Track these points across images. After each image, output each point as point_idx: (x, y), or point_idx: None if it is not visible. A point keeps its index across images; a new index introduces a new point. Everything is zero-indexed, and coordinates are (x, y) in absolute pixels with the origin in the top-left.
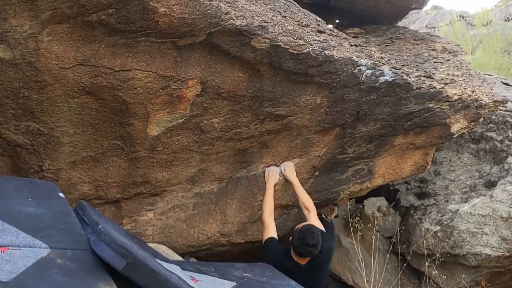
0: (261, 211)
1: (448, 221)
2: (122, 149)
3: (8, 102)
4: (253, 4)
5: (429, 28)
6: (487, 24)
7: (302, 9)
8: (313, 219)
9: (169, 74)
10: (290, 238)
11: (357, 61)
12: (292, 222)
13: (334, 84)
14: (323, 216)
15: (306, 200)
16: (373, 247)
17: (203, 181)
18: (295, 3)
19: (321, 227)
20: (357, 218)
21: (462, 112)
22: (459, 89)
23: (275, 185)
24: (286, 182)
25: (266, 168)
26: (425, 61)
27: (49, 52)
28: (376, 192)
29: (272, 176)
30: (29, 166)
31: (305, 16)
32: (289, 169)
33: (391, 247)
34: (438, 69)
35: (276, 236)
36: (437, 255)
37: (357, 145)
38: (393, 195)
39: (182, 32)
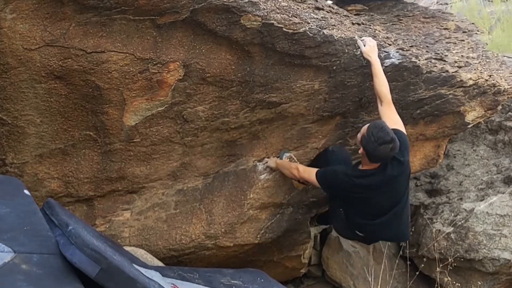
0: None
1: (462, 222)
2: (95, 141)
3: None
4: None
5: (441, 4)
6: (506, 0)
7: None
8: (385, 115)
9: (148, 56)
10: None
11: (358, 45)
12: (287, 223)
13: (334, 68)
14: None
15: (382, 85)
16: (378, 250)
17: (186, 176)
18: None
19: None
20: None
21: (478, 99)
22: (475, 73)
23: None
24: (279, 177)
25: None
26: (436, 41)
27: (12, 32)
28: None
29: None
30: None
31: None
32: (372, 45)
33: (399, 251)
34: (451, 50)
35: None
36: (450, 259)
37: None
38: None
39: (162, 9)
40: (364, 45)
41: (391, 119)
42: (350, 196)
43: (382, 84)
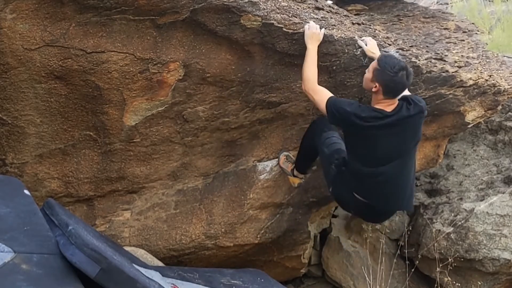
0: (305, 81)
1: (462, 222)
2: (95, 141)
3: None
4: None
5: (441, 4)
6: (507, 0)
7: None
8: None
9: (148, 56)
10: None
11: (358, 42)
12: (287, 223)
13: (334, 68)
14: None
15: None
16: (378, 250)
17: (186, 176)
18: None
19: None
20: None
21: (478, 99)
22: (475, 73)
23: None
24: (279, 177)
25: (307, 25)
26: (436, 41)
27: (12, 32)
28: None
29: (316, 34)
30: None
31: None
32: (373, 43)
33: (398, 250)
34: (451, 50)
35: None
36: (450, 259)
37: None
38: None
39: (162, 9)
40: (366, 45)
41: None
42: (357, 134)
43: None
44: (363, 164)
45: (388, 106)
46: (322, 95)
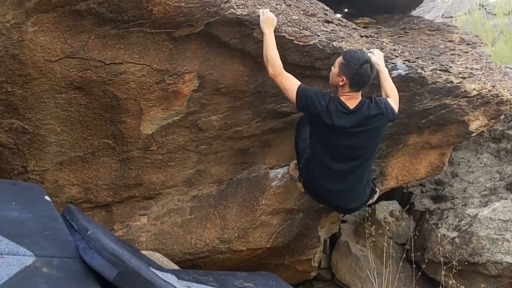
0: (269, 67)
1: (467, 227)
2: (114, 149)
3: None
4: None
5: (446, 17)
6: (509, 13)
7: None
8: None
9: (164, 68)
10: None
11: (367, 54)
12: (298, 228)
13: None
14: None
15: (391, 88)
16: (385, 254)
17: (201, 183)
18: None
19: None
20: (368, 223)
21: (482, 108)
22: (478, 83)
23: None
24: (290, 184)
25: (261, 11)
26: (441, 53)
27: (34, 44)
28: (388, 195)
29: (271, 19)
30: (12, 167)
31: (312, 5)
32: (379, 55)
33: (405, 254)
34: (456, 62)
35: None
36: (455, 263)
37: (382, 138)
38: (407, 198)
39: (178, 22)
40: (374, 54)
41: (391, 102)
42: (320, 123)
43: (390, 87)
44: (322, 152)
45: (352, 99)
46: (291, 82)
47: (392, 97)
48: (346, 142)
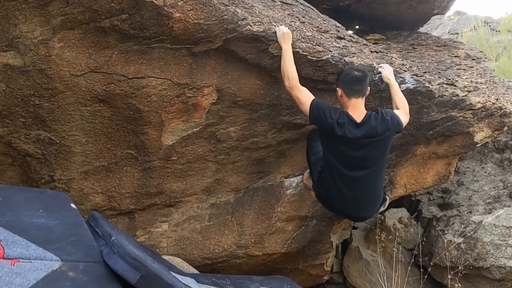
0: (287, 80)
1: (472, 233)
2: (136, 159)
3: (19, 111)
4: (270, 9)
5: (452, 34)
6: None
7: (321, 14)
8: (396, 111)
9: (184, 82)
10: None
11: (377, 68)
12: (311, 234)
13: None
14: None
15: (401, 100)
16: (394, 259)
17: (219, 191)
18: (314, 9)
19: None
20: (378, 230)
21: (486, 120)
22: (483, 97)
23: None
24: (304, 192)
25: (277, 28)
26: (448, 68)
27: (60, 59)
28: (397, 202)
29: (287, 35)
30: (40, 176)
31: (324, 22)
32: (389, 70)
33: (413, 259)
34: (461, 76)
35: None
36: (460, 267)
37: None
38: (415, 206)
39: (197, 38)
40: (384, 69)
41: (399, 113)
42: (331, 136)
43: (404, 101)
44: (336, 162)
45: (357, 111)
46: (306, 96)
47: (402, 109)
48: (357, 153)
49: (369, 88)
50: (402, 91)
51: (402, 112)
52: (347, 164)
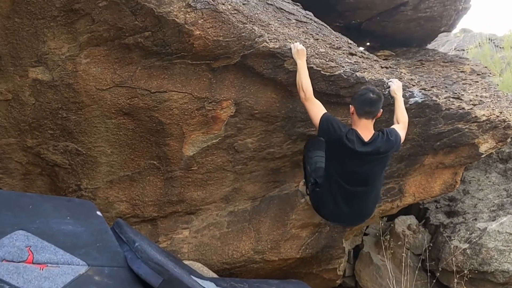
0: (302, 92)
1: (477, 239)
2: (158, 169)
3: (47, 123)
4: (286, 27)
5: (458, 50)
6: None
7: (334, 32)
8: (396, 125)
9: (204, 96)
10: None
11: (387, 83)
12: (325, 240)
13: None
14: None
15: (402, 114)
16: (403, 264)
17: (237, 199)
18: (327, 26)
19: (396, 129)
20: (388, 236)
21: (490, 132)
22: (487, 110)
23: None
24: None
25: (292, 45)
26: (454, 82)
27: (87, 74)
28: (406, 210)
29: (302, 51)
30: (67, 185)
31: (337, 39)
32: (398, 85)
33: (421, 264)
34: (467, 90)
35: None
36: (466, 272)
37: (388, 164)
38: (423, 213)
39: (216, 55)
40: (393, 83)
41: (398, 128)
42: (338, 149)
43: (404, 115)
44: (336, 176)
45: (365, 131)
46: (318, 109)
47: (401, 123)
48: (360, 169)
49: (381, 110)
50: (410, 104)
51: (402, 126)
52: (349, 179)
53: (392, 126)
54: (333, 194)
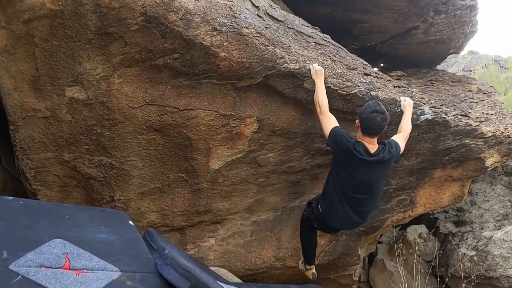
0: (318, 107)
1: (483, 247)
2: (186, 181)
3: (83, 139)
4: (305, 49)
5: (466, 71)
6: None
7: (350, 53)
8: (396, 135)
9: (229, 113)
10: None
11: (400, 101)
12: (341, 248)
13: None
14: None
15: (405, 125)
16: (414, 270)
17: (259, 210)
18: (344, 48)
19: (396, 140)
20: (400, 244)
21: (496, 147)
22: (493, 126)
23: None
24: None
25: (311, 66)
26: (462, 101)
27: (120, 93)
28: (417, 220)
29: (320, 71)
30: (101, 197)
31: (353, 60)
32: (409, 102)
33: (431, 270)
34: (474, 108)
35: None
36: (473, 277)
37: (400, 177)
38: (433, 222)
39: (240, 75)
40: (405, 100)
41: (398, 139)
42: (346, 159)
43: (408, 126)
44: (344, 185)
45: (370, 145)
46: (330, 122)
47: (403, 132)
48: (365, 178)
49: (386, 126)
50: (421, 121)
51: (403, 136)
52: (355, 188)
53: (393, 137)
54: (341, 202)
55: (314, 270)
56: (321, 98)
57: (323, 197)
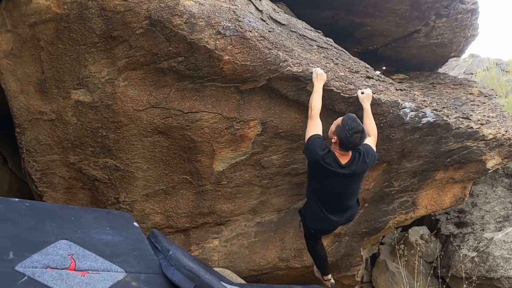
0: (310, 110)
1: (484, 248)
2: (191, 183)
3: (88, 141)
4: (308, 52)
5: (467, 74)
6: None
7: (352, 57)
8: (369, 139)
9: (233, 116)
10: (332, 137)
11: (402, 104)
12: (344, 249)
13: (381, 125)
14: None
15: (371, 126)
16: (416, 271)
17: (263, 211)
18: (346, 52)
19: (371, 147)
20: (402, 245)
21: (497, 149)
22: (494, 129)
23: None
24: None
25: (314, 69)
26: (463, 104)
27: (124, 96)
28: (419, 221)
29: (321, 76)
30: (106, 198)
31: (355, 63)
32: (368, 94)
33: (432, 271)
34: (475, 111)
35: (321, 135)
36: (474, 278)
37: (402, 179)
38: (434, 224)
39: (244, 78)
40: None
41: (370, 143)
42: (316, 170)
43: (370, 126)
44: (316, 194)
45: (343, 156)
46: (314, 129)
47: (373, 135)
48: (338, 189)
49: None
50: (423, 124)
51: (373, 140)
52: (327, 199)
53: (367, 143)
54: (318, 205)
55: (332, 280)
56: (315, 101)
57: (306, 201)
